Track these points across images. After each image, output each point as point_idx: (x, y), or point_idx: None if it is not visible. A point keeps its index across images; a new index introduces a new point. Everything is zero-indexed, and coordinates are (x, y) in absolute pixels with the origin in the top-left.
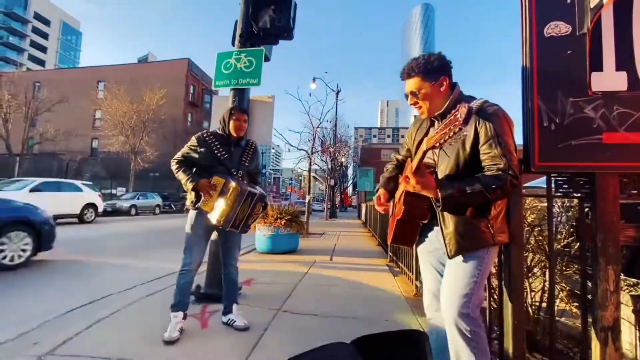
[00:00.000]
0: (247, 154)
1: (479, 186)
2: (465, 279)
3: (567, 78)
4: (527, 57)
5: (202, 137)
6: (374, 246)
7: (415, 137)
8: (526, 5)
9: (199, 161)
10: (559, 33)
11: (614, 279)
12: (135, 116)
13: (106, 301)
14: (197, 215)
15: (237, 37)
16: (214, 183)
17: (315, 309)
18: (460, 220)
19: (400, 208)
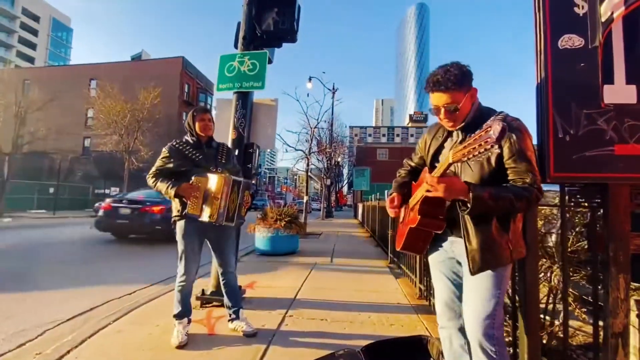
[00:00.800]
0: (222, 154)
1: (509, 194)
2: (488, 299)
3: (581, 90)
4: (542, 69)
5: (172, 146)
6: (372, 246)
7: (431, 146)
8: (540, 17)
9: (175, 169)
10: (573, 46)
11: (624, 287)
12: (130, 115)
13: (108, 307)
14: (186, 223)
15: (241, 40)
16: (195, 184)
17: (322, 314)
18: (485, 237)
19: (416, 217)
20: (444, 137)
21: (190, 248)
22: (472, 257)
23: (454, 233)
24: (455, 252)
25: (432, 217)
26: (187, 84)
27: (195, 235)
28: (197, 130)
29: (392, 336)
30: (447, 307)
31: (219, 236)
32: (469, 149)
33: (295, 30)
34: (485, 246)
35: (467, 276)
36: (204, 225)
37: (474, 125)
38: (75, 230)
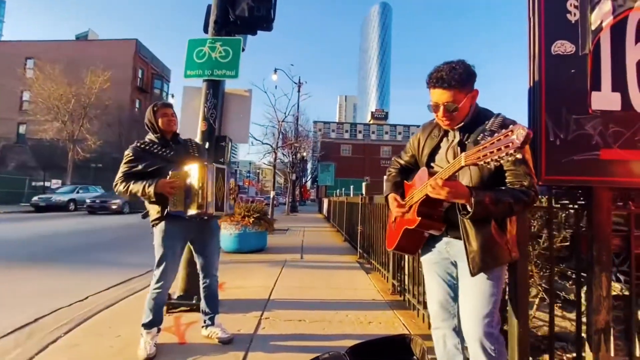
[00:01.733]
0: (192, 148)
1: (508, 197)
2: (487, 298)
3: (571, 96)
4: (535, 73)
5: (136, 147)
6: (340, 242)
7: (425, 145)
8: (536, 22)
9: (144, 170)
10: (564, 52)
11: (606, 285)
12: (74, 100)
13: (56, 316)
14: (167, 225)
15: (212, 24)
16: (173, 179)
17: (299, 314)
18: (485, 238)
19: (415, 219)
20: (439, 137)
21: (171, 252)
22: (472, 258)
23: (450, 234)
24: (450, 253)
25: (431, 219)
26: (140, 68)
27: (178, 237)
28: (161, 125)
29: (372, 335)
30: (442, 307)
31: (203, 236)
32: (485, 152)
33: (272, 19)
34: (486, 247)
35: (465, 276)
36: (187, 225)
37: (471, 126)
38: (7, 227)
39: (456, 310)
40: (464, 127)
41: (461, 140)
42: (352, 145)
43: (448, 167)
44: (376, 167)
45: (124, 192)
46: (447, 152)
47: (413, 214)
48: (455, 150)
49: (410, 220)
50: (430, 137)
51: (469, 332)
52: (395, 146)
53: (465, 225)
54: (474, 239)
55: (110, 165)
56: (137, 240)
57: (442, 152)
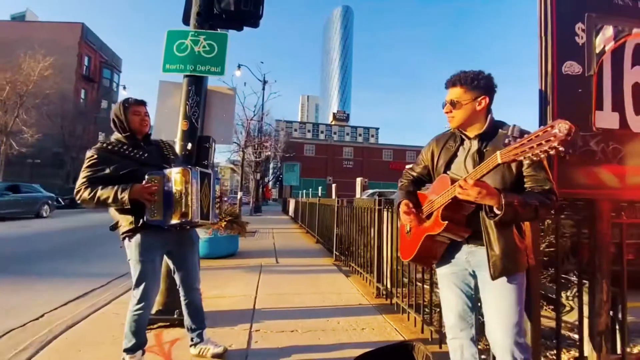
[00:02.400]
0: (166, 149)
1: (534, 200)
2: (514, 307)
3: (579, 113)
4: (548, 91)
5: (103, 148)
6: (312, 244)
7: (440, 156)
8: (548, 43)
9: (114, 174)
10: (573, 72)
11: (606, 290)
12: (9, 87)
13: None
14: (144, 237)
15: (194, 15)
16: (151, 183)
17: (290, 324)
18: (507, 243)
19: (439, 224)
20: (456, 147)
21: (151, 267)
22: (493, 263)
23: (470, 242)
24: (471, 262)
25: (456, 223)
26: (87, 56)
27: (156, 249)
28: (133, 124)
29: (368, 342)
30: (461, 318)
31: (183, 247)
32: (523, 148)
33: (260, 15)
34: (508, 252)
35: (489, 287)
36: (165, 235)
37: (489, 135)
38: None
39: (474, 321)
40: (481, 136)
41: (479, 149)
42: (315, 145)
43: (480, 168)
44: (339, 167)
45: (89, 199)
46: (465, 161)
47: (436, 219)
48: (474, 158)
49: (434, 226)
50: (446, 148)
51: (499, 343)
52: (357, 148)
53: (488, 229)
54: (496, 243)
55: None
56: (88, 247)
57: (459, 161)
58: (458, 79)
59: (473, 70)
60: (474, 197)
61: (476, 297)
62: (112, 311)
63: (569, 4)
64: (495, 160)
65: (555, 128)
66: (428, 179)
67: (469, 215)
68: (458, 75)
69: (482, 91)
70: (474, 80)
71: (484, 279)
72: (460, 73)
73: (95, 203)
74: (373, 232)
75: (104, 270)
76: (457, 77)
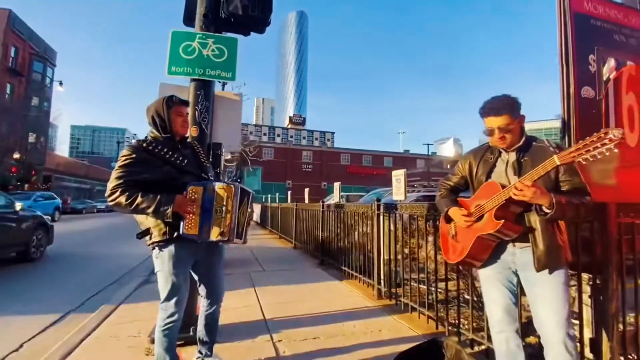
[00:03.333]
0: (200, 154)
1: (576, 200)
2: (563, 301)
3: (594, 130)
4: (571, 112)
5: (141, 147)
6: (290, 249)
7: (479, 167)
8: (570, 69)
9: (150, 179)
10: (589, 96)
11: (616, 280)
12: None
13: None
14: (177, 247)
15: (200, 17)
16: (191, 195)
17: (310, 332)
18: (550, 240)
19: (495, 223)
20: (494, 159)
21: (183, 279)
22: (538, 258)
23: (516, 243)
24: (517, 263)
25: (510, 222)
26: (14, 46)
27: (189, 261)
28: (175, 125)
29: (390, 343)
30: (507, 312)
31: (211, 258)
32: (580, 152)
33: (267, 22)
34: (551, 248)
35: (539, 283)
36: (196, 247)
37: (525, 147)
38: None
39: (517, 315)
40: (519, 148)
41: (518, 159)
42: (274, 149)
43: (536, 170)
44: (298, 171)
45: (126, 205)
46: (506, 170)
47: (490, 219)
48: (514, 167)
49: (487, 226)
50: (484, 160)
51: (552, 335)
52: (315, 151)
53: (533, 228)
54: (541, 240)
55: None
56: (55, 263)
57: (498, 170)
58: (502, 107)
59: (503, 97)
60: (529, 197)
61: (519, 293)
62: (107, 335)
63: (584, 39)
64: (554, 163)
65: (610, 134)
66: (464, 189)
67: (516, 217)
68: (499, 103)
69: (519, 112)
70: (513, 105)
71: (530, 277)
72: (500, 101)
73: (132, 210)
74: (373, 236)
75: (77, 288)
76: (500, 106)
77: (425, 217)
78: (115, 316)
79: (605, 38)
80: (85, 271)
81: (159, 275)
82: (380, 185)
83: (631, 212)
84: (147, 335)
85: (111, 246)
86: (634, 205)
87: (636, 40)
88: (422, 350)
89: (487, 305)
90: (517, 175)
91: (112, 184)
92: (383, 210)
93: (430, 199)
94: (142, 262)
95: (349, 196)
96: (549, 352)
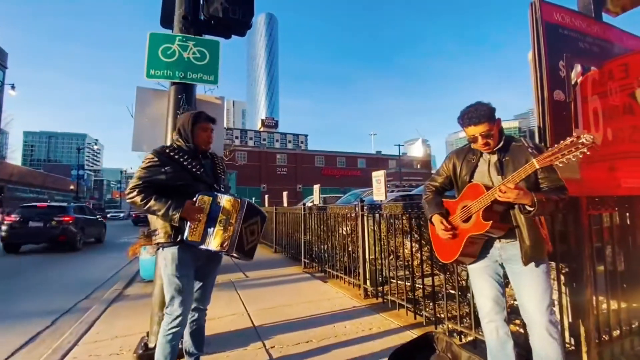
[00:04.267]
0: (219, 167)
1: (554, 196)
2: (545, 290)
3: (566, 130)
4: (546, 115)
5: (164, 152)
6: (271, 253)
7: (462, 167)
8: (543, 75)
9: (166, 182)
10: (560, 99)
11: (590, 266)
12: None
13: None
14: (180, 251)
15: (179, 19)
16: (200, 204)
17: (300, 335)
18: (535, 235)
19: (483, 224)
20: (477, 159)
21: (187, 282)
22: (524, 252)
23: (502, 238)
24: (503, 256)
25: (498, 222)
26: None
27: (190, 264)
28: (199, 141)
29: (380, 340)
30: (496, 303)
31: (210, 264)
32: (557, 155)
33: (249, 25)
34: (536, 242)
35: (523, 274)
36: (198, 252)
37: (504, 147)
38: None
39: (505, 304)
40: (499, 149)
41: (499, 159)
42: (247, 152)
43: (518, 173)
44: (273, 174)
45: (140, 204)
46: (489, 170)
47: (478, 220)
48: (497, 167)
49: (476, 226)
50: (467, 160)
51: (537, 321)
52: (290, 154)
53: (519, 224)
54: (527, 236)
55: None
56: (23, 277)
57: (481, 170)
58: (480, 116)
59: (481, 105)
60: (513, 198)
61: (504, 284)
62: (86, 355)
63: (554, 46)
64: (534, 166)
65: (581, 138)
66: (450, 188)
67: (502, 217)
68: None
69: (495, 115)
70: (489, 112)
71: (515, 269)
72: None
73: (145, 210)
74: (357, 236)
75: (46, 306)
76: (478, 115)
77: (409, 215)
78: (93, 333)
79: (572, 45)
80: (51, 287)
81: (164, 278)
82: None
83: (598, 204)
84: (131, 351)
85: (77, 258)
86: (600, 197)
87: (598, 48)
88: (415, 344)
89: (477, 299)
90: (500, 175)
91: (132, 183)
92: (367, 211)
93: (409, 198)
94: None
95: (325, 198)
96: (534, 337)
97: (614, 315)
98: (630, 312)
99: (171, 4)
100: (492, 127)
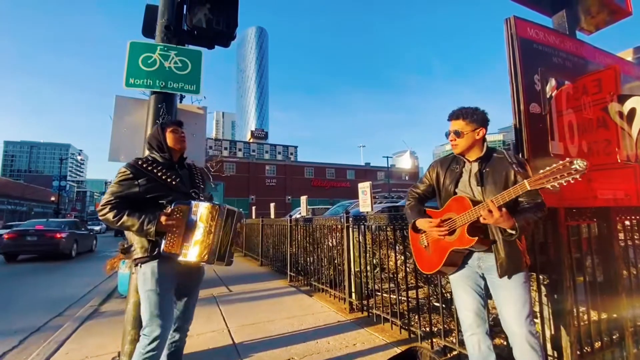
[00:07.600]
0: (197, 175)
1: (534, 215)
2: (524, 302)
3: (542, 142)
4: (523, 126)
5: (136, 165)
6: (257, 267)
7: (446, 176)
8: (519, 88)
9: (142, 195)
10: (536, 112)
11: (569, 276)
12: None
13: None
14: (160, 265)
15: (161, 29)
16: (177, 215)
17: (282, 353)
18: (511, 248)
19: (469, 239)
20: (460, 169)
21: (167, 298)
22: (500, 264)
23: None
24: (482, 267)
25: (482, 238)
26: None
27: (171, 280)
28: (170, 142)
29: (365, 355)
30: (477, 315)
31: (190, 281)
32: (548, 178)
33: (233, 36)
34: (511, 255)
35: (502, 286)
36: (178, 266)
37: (486, 158)
38: None
39: (486, 317)
40: (480, 159)
41: (480, 170)
42: (236, 163)
43: (508, 193)
44: (262, 186)
45: (113, 221)
46: (470, 180)
47: (463, 235)
48: (477, 177)
49: (461, 241)
50: (450, 169)
51: (516, 333)
52: (279, 165)
53: (495, 237)
54: (502, 249)
55: None
56: None
57: (464, 180)
58: (460, 113)
59: (471, 107)
60: (493, 221)
61: (486, 296)
62: None
63: (529, 60)
64: (525, 187)
65: (574, 164)
66: (432, 196)
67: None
68: (460, 110)
69: (479, 124)
70: (473, 115)
71: (495, 280)
72: (462, 109)
73: (119, 227)
74: (343, 248)
75: (16, 324)
76: (459, 112)
77: (393, 227)
78: (62, 353)
79: (546, 60)
80: (23, 303)
81: (141, 295)
82: (344, 198)
83: (576, 215)
84: None
85: (50, 274)
86: (577, 208)
87: (571, 63)
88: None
89: (459, 311)
90: (479, 186)
91: (104, 200)
92: (352, 222)
93: (395, 209)
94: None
95: (314, 209)
96: (515, 349)
97: (595, 326)
98: (610, 322)
99: (153, 15)
100: (466, 127)
